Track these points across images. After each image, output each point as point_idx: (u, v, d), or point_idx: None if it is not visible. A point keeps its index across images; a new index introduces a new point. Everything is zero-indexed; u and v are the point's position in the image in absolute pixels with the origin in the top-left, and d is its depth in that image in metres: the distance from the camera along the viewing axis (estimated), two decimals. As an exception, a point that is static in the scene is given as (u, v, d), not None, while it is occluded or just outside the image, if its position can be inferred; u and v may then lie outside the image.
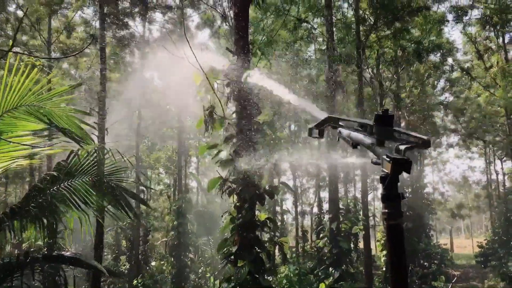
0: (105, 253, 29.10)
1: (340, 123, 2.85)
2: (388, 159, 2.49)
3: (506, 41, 26.19)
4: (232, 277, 6.77)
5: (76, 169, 10.43)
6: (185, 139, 28.02)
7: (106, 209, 12.76)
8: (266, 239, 7.29)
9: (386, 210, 2.54)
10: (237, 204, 7.03)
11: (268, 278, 7.01)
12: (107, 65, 17.49)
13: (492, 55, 27.59)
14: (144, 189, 27.02)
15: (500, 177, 42.22)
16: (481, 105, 31.58)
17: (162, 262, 18.26)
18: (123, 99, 23.84)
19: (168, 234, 19.50)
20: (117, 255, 28.62)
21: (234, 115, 7.35)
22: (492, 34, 26.16)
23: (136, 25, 21.46)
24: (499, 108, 28.68)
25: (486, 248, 39.26)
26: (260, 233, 7.09)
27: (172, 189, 38.31)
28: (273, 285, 7.56)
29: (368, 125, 2.71)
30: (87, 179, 10.90)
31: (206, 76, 7.48)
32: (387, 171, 2.51)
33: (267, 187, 7.16)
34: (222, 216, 7.46)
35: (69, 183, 10.38)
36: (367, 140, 2.71)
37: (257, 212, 7.56)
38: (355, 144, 2.79)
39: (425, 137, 2.46)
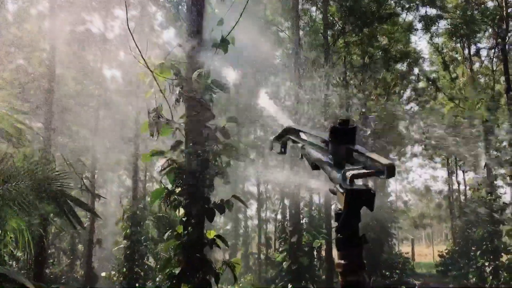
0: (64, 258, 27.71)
1: (301, 135, 2.14)
2: (341, 190, 1.77)
3: (471, 52, 26.40)
4: (175, 303, 5.99)
5: (11, 174, 9.28)
6: (146, 140, 26.99)
7: (49, 217, 11.53)
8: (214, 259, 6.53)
9: (342, 261, 1.82)
10: (183, 219, 6.24)
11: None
12: (58, 62, 16.41)
13: (458, 66, 27.81)
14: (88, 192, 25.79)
15: (462, 187, 42.88)
16: (445, 116, 31.80)
17: (113, 273, 17.25)
18: (79, 98, 22.68)
19: (120, 242, 18.49)
20: (72, 260, 27.30)
21: (183, 119, 6.57)
22: (458, 45, 26.33)
23: (93, 20, 20.45)
24: (463, 119, 28.91)
25: (446, 257, 39.72)
26: (208, 253, 6.32)
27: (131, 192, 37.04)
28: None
29: (324, 140, 2.00)
30: (24, 184, 9.73)
31: (153, 74, 6.68)
32: (340, 206, 1.80)
33: (217, 201, 6.40)
34: (165, 232, 6.65)
35: (4, 188, 9.19)
36: (324, 160, 2.00)
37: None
38: (314, 165, 2.07)
39: (386, 162, 1.72)
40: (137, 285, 16.01)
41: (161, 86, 6.80)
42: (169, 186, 6.45)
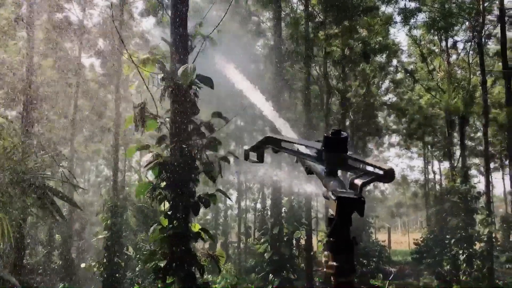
0: (40, 248, 27.38)
1: (283, 144, 2.21)
2: (333, 197, 1.88)
3: (449, 45, 26.85)
4: (161, 295, 6.07)
5: (-11, 165, 9.15)
6: (126, 130, 26.78)
7: (29, 209, 11.41)
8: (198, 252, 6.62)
9: (334, 264, 1.93)
10: (168, 213, 6.30)
11: (201, 295, 6.37)
12: (38, 51, 16.11)
13: (435, 59, 28.26)
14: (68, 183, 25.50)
15: (437, 177, 43.91)
16: (422, 107, 32.37)
17: (94, 264, 17.18)
18: (57, 88, 22.30)
19: (100, 232, 18.40)
20: (49, 251, 27.03)
21: (168, 114, 6.59)
22: (436, 38, 26.73)
23: (73, 8, 20.06)
24: (439, 110, 29.47)
25: (421, 245, 40.69)
26: (192, 246, 6.41)
27: (110, 182, 36.73)
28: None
29: (317, 149, 2.09)
30: (5, 176, 9.62)
31: (137, 67, 6.68)
32: (332, 212, 1.91)
33: (202, 195, 6.48)
34: (151, 225, 6.70)
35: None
36: (318, 167, 2.10)
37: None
38: (309, 170, 2.17)
39: (387, 167, 1.86)
40: (117, 275, 16.00)
41: (145, 80, 6.81)
42: (150, 180, 6.50)
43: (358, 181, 1.83)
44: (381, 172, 1.79)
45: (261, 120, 32.46)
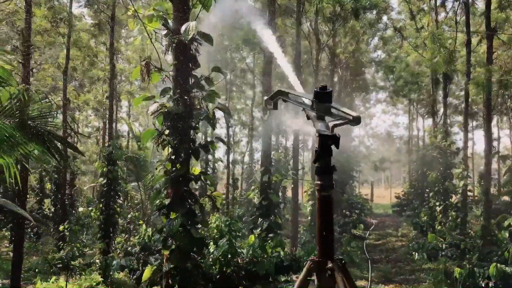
0: (28, 196, 28.15)
1: (290, 96, 2.94)
2: (317, 134, 2.64)
3: (437, 3, 27.13)
4: (164, 229, 6.88)
5: (-2, 113, 9.80)
6: (116, 82, 27.07)
7: (31, 153, 12.22)
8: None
9: (319, 182, 2.70)
10: (172, 157, 7.03)
11: (200, 229, 7.21)
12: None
13: (424, 16, 28.59)
14: (71, 132, 26.05)
15: (421, 133, 45.14)
16: (409, 65, 32.95)
17: (90, 208, 17.98)
18: (49, 37, 22.39)
19: (97, 179, 19.13)
20: (41, 198, 27.80)
21: (171, 67, 7.19)
22: (425, -5, 26.97)
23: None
24: (425, 68, 30.08)
25: (402, 199, 42.40)
26: (192, 186, 7.19)
27: (101, 133, 37.24)
28: (204, 236, 7.80)
29: (310, 100, 2.81)
30: (11, 122, 10.34)
31: (143, 24, 7.21)
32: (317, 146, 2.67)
33: (202, 142, 7.20)
34: (156, 168, 7.44)
35: (-9, 127, 9.75)
36: (311, 113, 2.83)
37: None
38: (307, 116, 2.91)
39: (354, 114, 2.60)
40: (113, 220, 16.90)
41: (150, 36, 7.34)
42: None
43: (331, 124, 2.62)
44: (350, 117, 2.54)
45: (250, 75, 32.92)
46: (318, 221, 2.76)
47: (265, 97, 3.16)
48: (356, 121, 2.56)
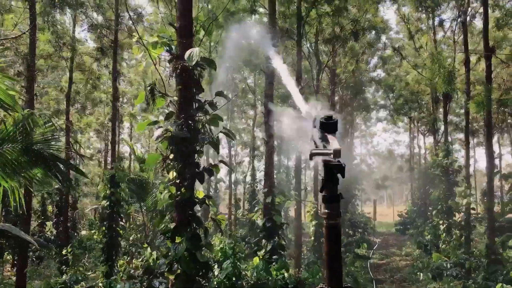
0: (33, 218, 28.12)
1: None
2: (322, 164, 2.71)
3: (435, 23, 27.50)
4: (170, 253, 6.89)
5: (3, 138, 9.93)
6: (119, 104, 27.30)
7: (35, 176, 12.25)
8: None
9: (326, 211, 2.76)
10: (177, 181, 7.08)
11: (205, 253, 7.21)
12: (36, 24, 16.42)
13: (422, 36, 28.94)
14: (74, 154, 26.15)
15: (422, 151, 45.14)
16: (409, 83, 33.19)
17: (93, 231, 17.92)
18: (52, 61, 22.66)
19: (100, 201, 19.13)
20: (42, 220, 27.76)
21: (175, 92, 7.29)
22: (423, 15, 27.34)
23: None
24: (425, 87, 30.30)
25: (405, 217, 42.22)
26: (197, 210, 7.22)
27: (103, 154, 37.34)
28: (209, 260, 7.79)
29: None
30: (16, 147, 10.41)
31: (147, 50, 7.34)
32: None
33: (206, 166, 7.26)
34: (160, 191, 7.48)
35: (-1, 151, 9.81)
36: (318, 141, 2.90)
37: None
38: (314, 142, 2.97)
39: (336, 147, 2.64)
40: (116, 242, 16.86)
41: (154, 61, 7.46)
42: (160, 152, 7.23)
43: (312, 151, 2.67)
44: (330, 151, 2.60)
45: (251, 95, 33.16)
46: (326, 249, 2.80)
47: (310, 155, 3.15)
48: (335, 154, 2.60)
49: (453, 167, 23.32)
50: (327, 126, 2.80)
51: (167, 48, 7.33)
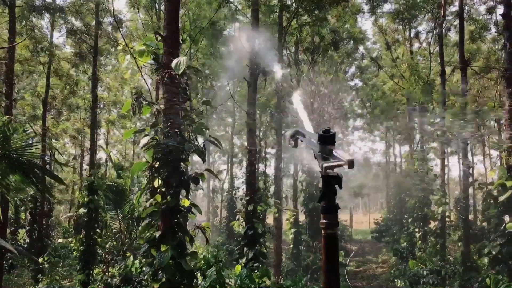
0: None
1: (304, 135, 3.10)
2: (320, 176, 2.79)
3: (412, 35, 28.16)
4: (155, 262, 6.86)
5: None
6: (98, 110, 26.97)
7: (11, 183, 12.03)
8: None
9: (324, 221, 2.83)
10: (162, 190, 7.07)
11: (189, 262, 7.20)
12: (15, 29, 16.17)
13: (399, 47, 29.59)
14: (48, 160, 25.67)
15: (398, 159, 45.94)
16: (385, 93, 33.81)
17: (70, 240, 17.61)
18: (29, 66, 22.30)
19: (77, 209, 18.83)
20: (15, 228, 27.18)
21: (162, 101, 7.29)
22: (400, 27, 27.97)
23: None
24: (401, 96, 30.91)
25: (381, 225, 42.75)
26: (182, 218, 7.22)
27: (78, 161, 36.73)
28: (193, 269, 7.78)
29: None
30: (-7, 155, 10.17)
31: (135, 58, 7.33)
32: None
33: (193, 174, 7.27)
34: (137, 197, 7.48)
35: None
36: (317, 154, 2.99)
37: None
38: (314, 155, 3.05)
39: (349, 158, 2.74)
40: (93, 250, 16.61)
41: (140, 69, 7.46)
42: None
43: (325, 165, 2.76)
44: (343, 162, 2.68)
45: (230, 102, 33.15)
46: (324, 258, 2.87)
47: (285, 133, 3.32)
48: (349, 164, 2.69)
49: (428, 176, 23.77)
50: (326, 139, 2.89)
51: (154, 56, 7.34)
